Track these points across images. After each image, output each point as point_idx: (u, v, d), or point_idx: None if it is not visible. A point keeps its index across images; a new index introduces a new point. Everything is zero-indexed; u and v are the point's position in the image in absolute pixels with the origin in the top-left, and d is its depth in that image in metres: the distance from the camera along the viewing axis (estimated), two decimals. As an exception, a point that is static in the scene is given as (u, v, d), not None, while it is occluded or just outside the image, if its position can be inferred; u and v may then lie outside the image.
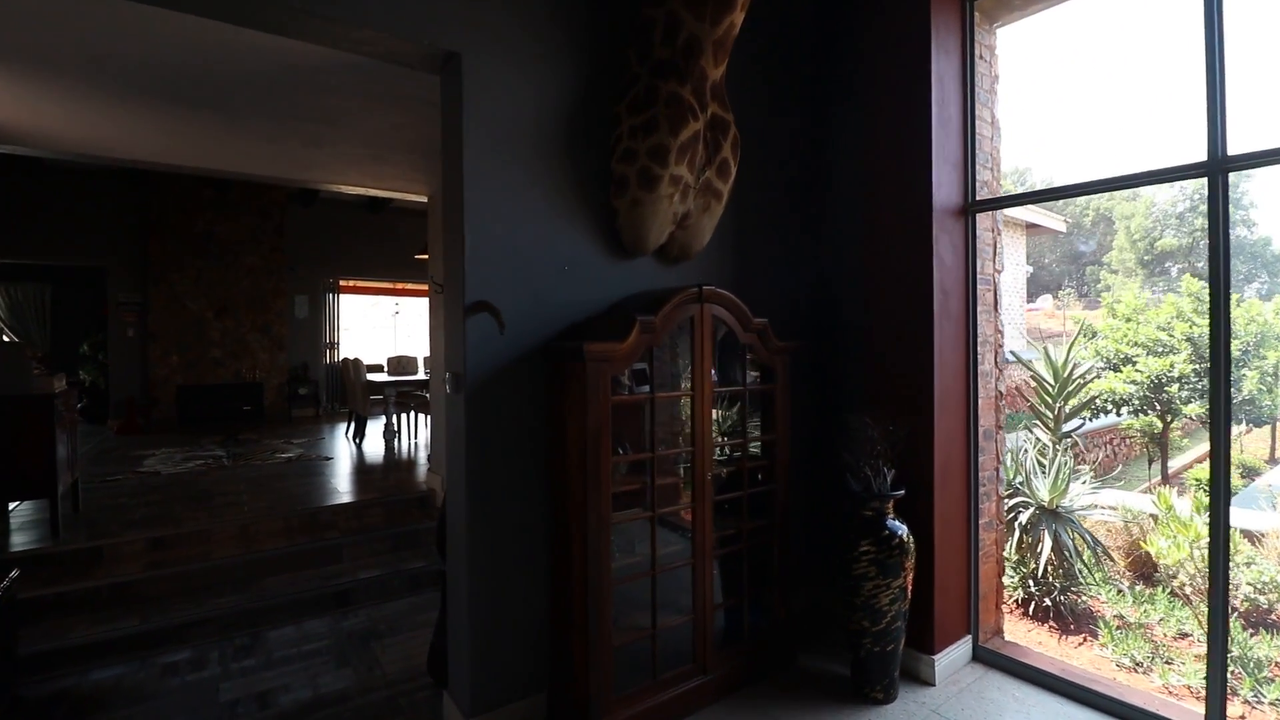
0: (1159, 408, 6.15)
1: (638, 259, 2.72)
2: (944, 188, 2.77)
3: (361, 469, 5.38)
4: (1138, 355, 6.31)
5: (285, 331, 8.87)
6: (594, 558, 2.19)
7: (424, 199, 4.57)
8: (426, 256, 8.28)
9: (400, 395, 6.63)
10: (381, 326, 13.57)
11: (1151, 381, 5.98)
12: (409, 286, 12.70)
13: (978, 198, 2.87)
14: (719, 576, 2.67)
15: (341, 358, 7.10)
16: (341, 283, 9.79)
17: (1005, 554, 3.46)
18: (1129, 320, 6.56)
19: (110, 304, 8.03)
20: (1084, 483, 3.67)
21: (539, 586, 2.38)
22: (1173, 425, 6.53)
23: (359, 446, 6.49)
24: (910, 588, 2.53)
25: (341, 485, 4.74)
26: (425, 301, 13.23)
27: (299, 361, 9.21)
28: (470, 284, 2.25)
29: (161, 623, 3.00)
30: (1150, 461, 7.35)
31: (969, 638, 2.87)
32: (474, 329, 2.26)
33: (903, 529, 2.51)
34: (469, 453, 2.26)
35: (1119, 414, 6.45)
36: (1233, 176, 2.19)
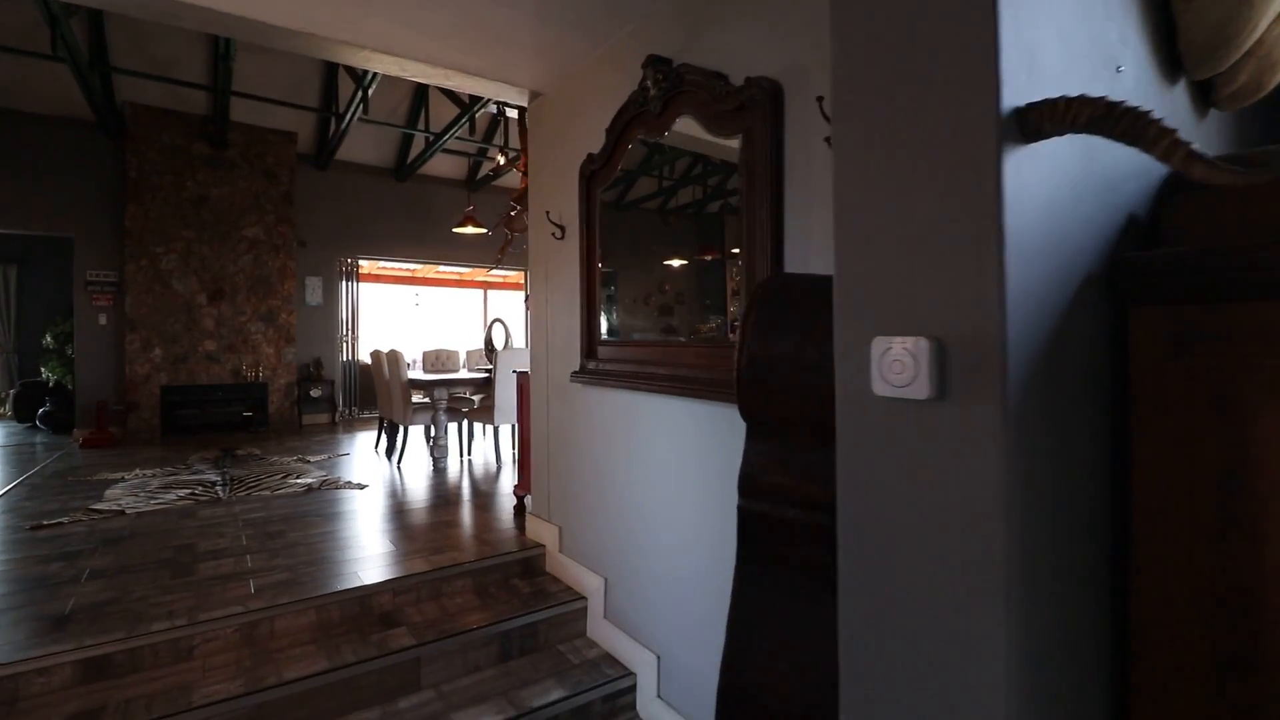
0: None
1: (1176, 87, 1.18)
2: None
3: (414, 506, 3.80)
4: None
5: (294, 320, 7.28)
6: None
7: (521, 99, 3.01)
8: (470, 229, 6.74)
9: (452, 399, 5.06)
10: (400, 319, 12.02)
11: None
12: (433, 276, 11.18)
13: None
14: None
15: (372, 350, 5.54)
16: (362, 263, 8.21)
17: None
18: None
19: (77, 283, 6.44)
20: None
21: None
22: None
23: (399, 468, 4.91)
24: None
25: (393, 536, 3.17)
26: (450, 293, 11.68)
27: (311, 357, 7.63)
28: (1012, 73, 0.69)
29: None
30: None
31: None
32: (1024, 199, 0.69)
33: None
34: (1019, 571, 0.69)
35: None
36: None
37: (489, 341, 5.86)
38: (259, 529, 3.24)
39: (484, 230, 6.74)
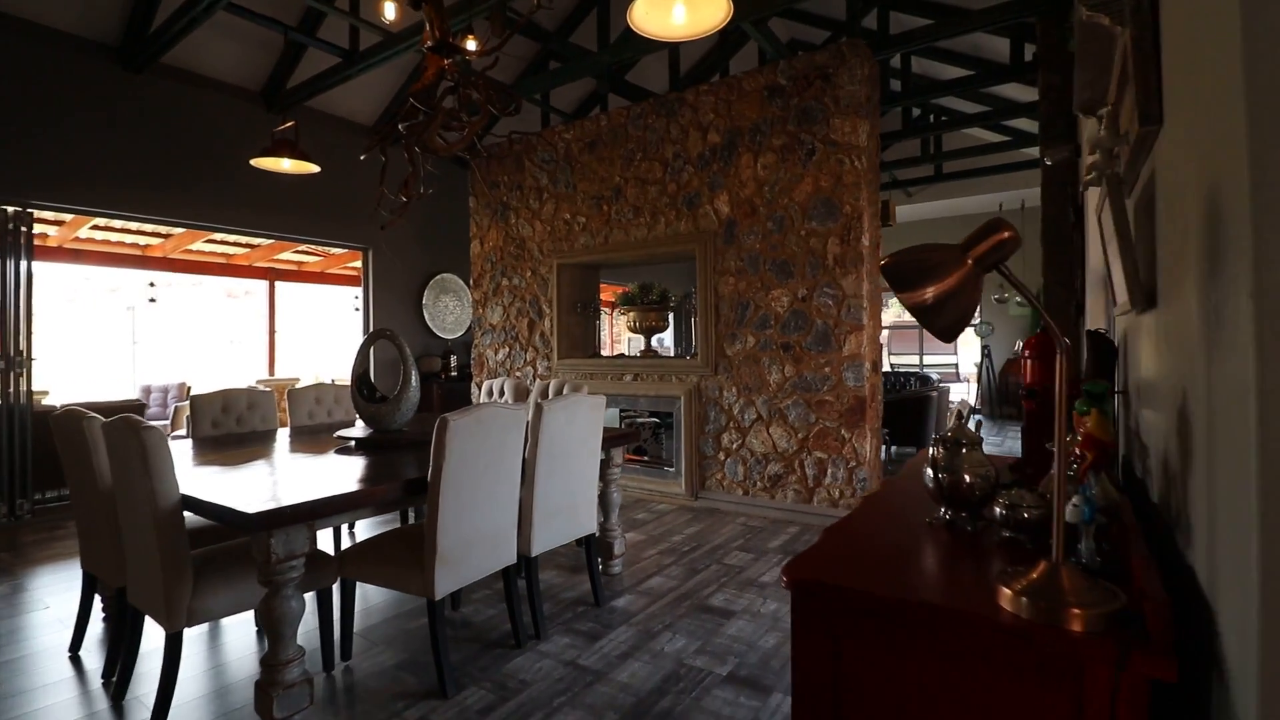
0: None
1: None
2: None
3: None
4: None
5: None
6: None
7: None
8: (288, 164, 3.54)
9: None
10: (124, 325, 7.73)
11: None
12: (179, 256, 7.22)
13: None
14: None
15: (58, 414, 2.17)
16: (38, 216, 4.31)
17: None
18: None
19: None
20: None
21: None
22: None
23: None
24: None
25: None
26: (212, 283, 7.88)
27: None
28: None
29: None
30: None
31: None
32: None
33: None
34: None
35: None
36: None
37: (363, 379, 2.80)
38: None
39: (314, 168, 3.58)
